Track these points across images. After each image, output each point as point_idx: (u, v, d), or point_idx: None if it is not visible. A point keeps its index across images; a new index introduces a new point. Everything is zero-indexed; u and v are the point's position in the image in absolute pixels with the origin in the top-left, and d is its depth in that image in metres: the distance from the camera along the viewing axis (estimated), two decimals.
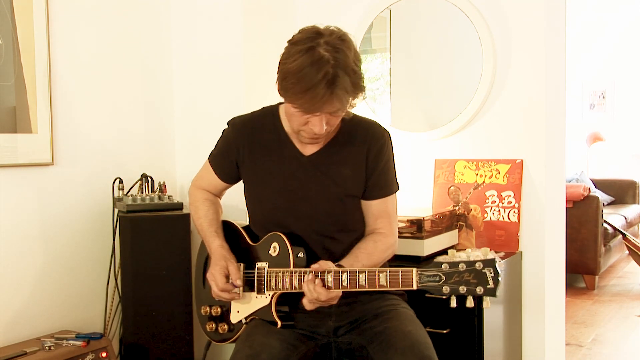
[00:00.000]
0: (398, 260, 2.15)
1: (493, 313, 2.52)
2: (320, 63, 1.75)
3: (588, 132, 7.56)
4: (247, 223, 2.20)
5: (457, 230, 2.82)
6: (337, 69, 1.76)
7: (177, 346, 2.66)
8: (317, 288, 1.81)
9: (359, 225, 2.10)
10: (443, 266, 1.67)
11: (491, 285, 1.62)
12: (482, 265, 1.63)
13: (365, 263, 1.94)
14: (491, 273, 1.62)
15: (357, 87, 1.82)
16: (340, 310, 2.00)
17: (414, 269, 1.71)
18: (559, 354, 2.90)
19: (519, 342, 2.80)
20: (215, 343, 2.17)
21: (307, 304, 1.86)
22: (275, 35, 3.07)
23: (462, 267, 1.65)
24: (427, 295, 2.44)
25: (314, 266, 1.86)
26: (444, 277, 1.67)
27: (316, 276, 1.84)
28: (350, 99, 1.83)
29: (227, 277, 1.99)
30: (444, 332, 2.44)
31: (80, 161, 2.76)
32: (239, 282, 1.99)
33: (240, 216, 2.68)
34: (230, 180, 2.20)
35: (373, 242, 2.03)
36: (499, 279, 1.62)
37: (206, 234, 2.13)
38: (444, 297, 1.70)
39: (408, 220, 2.56)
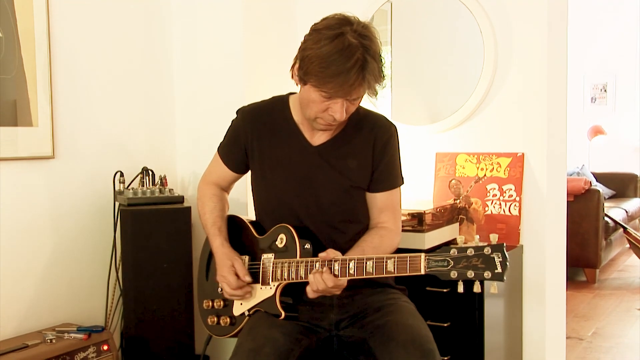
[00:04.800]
0: (400, 252, 2.15)
1: (494, 306, 2.53)
2: (350, 49, 1.78)
3: (589, 126, 7.56)
4: (253, 218, 2.21)
5: (458, 223, 2.82)
6: (367, 55, 1.80)
7: (178, 339, 2.66)
8: (324, 275, 1.82)
9: (364, 217, 2.11)
10: (451, 251, 1.68)
11: (499, 269, 1.62)
12: (490, 250, 1.64)
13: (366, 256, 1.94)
14: (499, 258, 1.62)
15: (382, 74, 1.86)
16: (341, 303, 2.01)
17: (423, 254, 1.71)
18: (560, 347, 2.91)
19: (519, 335, 2.80)
20: (216, 337, 2.18)
21: (310, 292, 1.87)
22: (275, 27, 3.07)
23: (470, 252, 1.66)
24: (427, 288, 2.48)
25: (322, 255, 1.87)
26: (452, 262, 1.67)
27: (323, 265, 1.85)
28: (376, 85, 1.87)
29: (237, 275, 2.00)
30: (445, 325, 2.45)
31: (81, 154, 2.76)
32: (247, 279, 2.00)
33: (241, 209, 2.69)
34: (240, 170, 2.20)
35: (379, 236, 2.05)
36: (507, 263, 1.62)
37: (209, 231, 2.15)
38: (448, 279, 1.70)
39: (409, 214, 2.57)
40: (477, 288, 1.70)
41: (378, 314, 1.98)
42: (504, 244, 1.65)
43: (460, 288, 1.70)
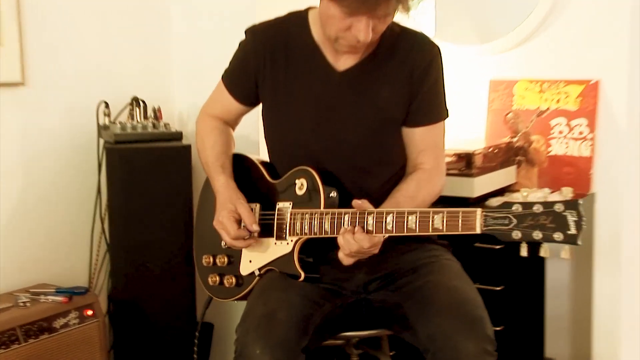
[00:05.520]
0: (442, 203, 2.13)
1: (557, 267, 2.53)
2: None
3: None
4: (265, 158, 2.21)
5: (515, 166, 2.82)
6: None
7: (176, 303, 2.70)
8: (357, 235, 1.81)
9: (399, 157, 2.10)
10: (514, 207, 1.65)
11: (573, 231, 1.59)
12: (563, 207, 1.61)
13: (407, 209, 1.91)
14: (574, 216, 1.59)
15: None
16: (371, 261, 1.97)
17: (479, 210, 1.69)
18: (638, 317, 2.94)
19: (588, 302, 2.80)
20: (218, 300, 2.20)
21: (344, 258, 1.86)
22: None
23: (537, 208, 1.63)
24: (476, 245, 2.50)
25: (356, 202, 1.85)
26: (514, 220, 1.64)
27: (354, 222, 1.84)
28: None
29: (239, 221, 2.00)
30: (497, 289, 2.48)
31: (57, 80, 2.75)
32: (254, 227, 1.99)
33: (252, 148, 2.69)
34: (248, 102, 2.20)
35: (416, 182, 2.04)
36: (583, 224, 1.59)
37: (210, 170, 2.15)
38: (509, 240, 1.68)
39: (455, 154, 2.57)
40: (544, 252, 1.67)
41: (415, 274, 1.98)
42: (580, 201, 1.61)
43: (524, 251, 1.69)
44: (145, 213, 2.66)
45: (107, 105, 2.81)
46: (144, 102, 2.82)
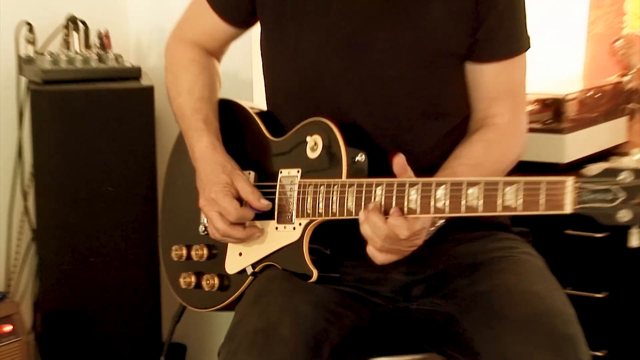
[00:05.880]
0: (518, 171, 2.12)
1: None
2: None
3: None
4: (262, 107, 2.21)
5: (625, 118, 2.85)
6: None
7: (134, 315, 2.74)
8: (391, 220, 1.78)
9: (459, 106, 2.11)
10: (621, 176, 1.62)
11: None
12: None
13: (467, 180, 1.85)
14: None
15: None
16: (414, 256, 1.93)
17: (570, 179, 1.64)
18: None
19: None
20: (193, 309, 2.22)
21: (375, 253, 1.84)
22: None
23: None
24: (567, 232, 2.51)
25: (398, 160, 1.79)
26: (621, 195, 1.61)
27: (389, 197, 1.80)
28: None
29: (239, 200, 1.99)
30: (598, 296, 2.51)
31: None
32: (263, 202, 2.00)
33: (243, 92, 2.72)
34: (240, 21, 2.21)
35: (485, 145, 2.04)
36: None
37: (189, 124, 2.14)
38: (613, 223, 1.63)
39: (538, 101, 2.58)
40: None
41: (478, 275, 1.98)
42: None
43: (635, 240, 1.68)
44: (89, 184, 2.69)
45: (30, 28, 2.83)
46: (84, 23, 2.84)
